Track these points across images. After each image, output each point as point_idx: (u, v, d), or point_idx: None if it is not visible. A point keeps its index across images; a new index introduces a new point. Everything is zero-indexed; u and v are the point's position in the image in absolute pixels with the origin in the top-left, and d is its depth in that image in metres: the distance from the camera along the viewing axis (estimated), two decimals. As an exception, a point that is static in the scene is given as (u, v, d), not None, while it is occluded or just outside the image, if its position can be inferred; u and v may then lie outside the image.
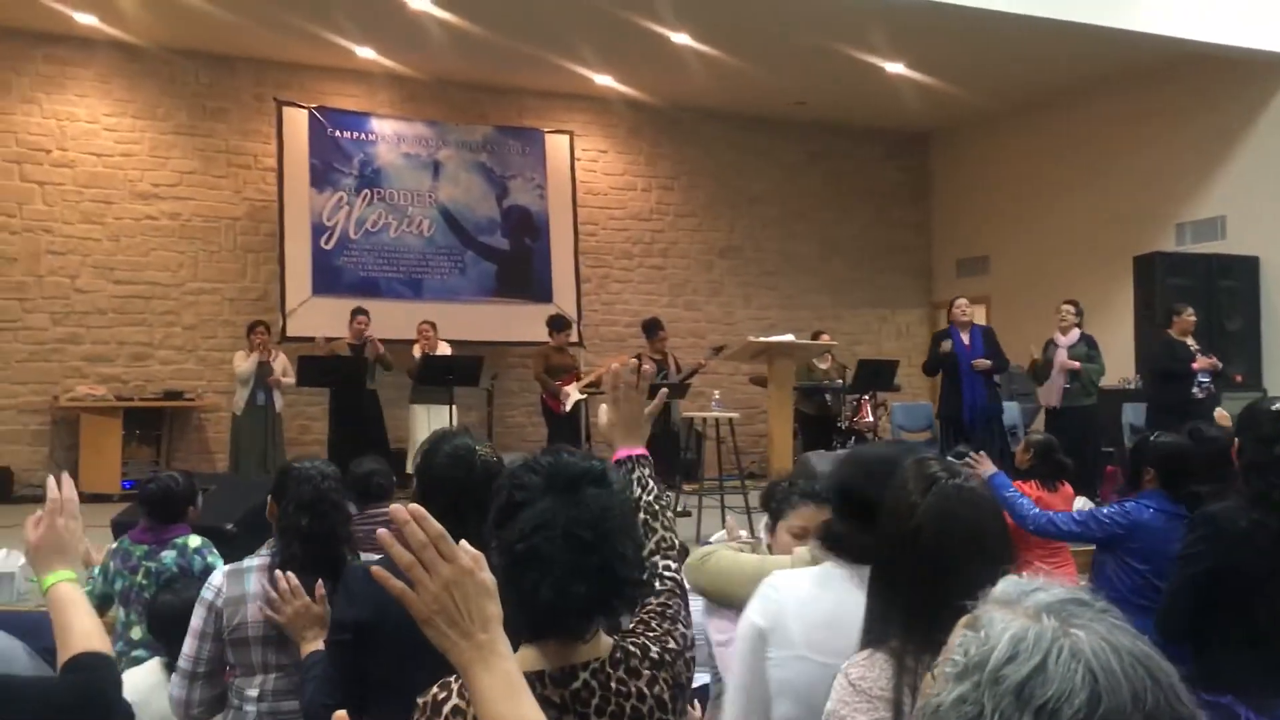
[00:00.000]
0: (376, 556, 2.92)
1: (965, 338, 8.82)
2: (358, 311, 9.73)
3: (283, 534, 2.75)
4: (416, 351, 9.68)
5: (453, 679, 1.42)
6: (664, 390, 2.39)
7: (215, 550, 3.83)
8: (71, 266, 10.18)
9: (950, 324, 9.08)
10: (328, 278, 10.60)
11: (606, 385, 1.98)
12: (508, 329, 11.03)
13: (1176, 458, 4.21)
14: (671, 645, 1.60)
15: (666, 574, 1.73)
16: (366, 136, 11.02)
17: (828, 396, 10.42)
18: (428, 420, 9.46)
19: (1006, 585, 0.97)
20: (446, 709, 1.41)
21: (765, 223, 13.00)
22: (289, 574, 2.66)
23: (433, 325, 9.82)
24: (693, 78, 11.01)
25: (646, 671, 1.52)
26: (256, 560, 2.80)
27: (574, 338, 10.95)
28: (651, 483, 1.84)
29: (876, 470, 1.95)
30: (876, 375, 10.27)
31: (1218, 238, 10.63)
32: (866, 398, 10.58)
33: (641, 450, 1.91)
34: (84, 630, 1.75)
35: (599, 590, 1.42)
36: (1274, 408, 3.15)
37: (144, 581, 3.74)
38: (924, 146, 13.98)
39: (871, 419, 10.65)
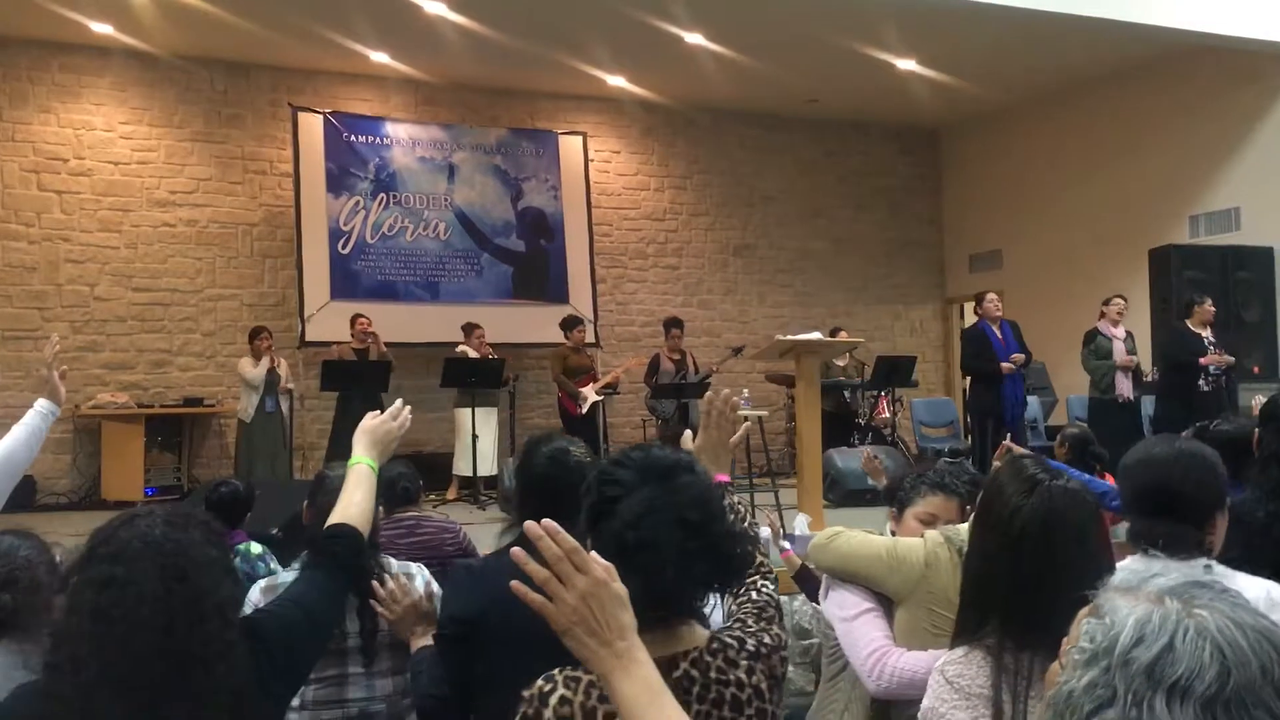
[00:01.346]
0: (395, 563, 2.94)
1: (999, 332, 8.87)
2: (357, 315, 9.75)
3: (310, 544, 2.77)
4: (472, 354, 9.67)
5: (557, 672, 1.47)
6: (749, 424, 2.47)
7: (275, 558, 3.86)
8: (90, 275, 10.22)
9: (980, 318, 9.11)
10: (345, 282, 10.63)
11: (701, 409, 2.13)
12: (525, 331, 11.05)
13: (1228, 444, 4.25)
14: (768, 640, 1.64)
15: (765, 590, 1.79)
16: (381, 141, 11.05)
17: (846, 393, 10.46)
18: (479, 422, 9.44)
19: (1125, 574, 1.01)
20: (554, 700, 1.45)
21: (779, 220, 13.03)
22: (397, 575, 2.69)
23: (482, 329, 9.90)
24: (705, 77, 11.03)
25: (744, 662, 1.57)
26: (290, 575, 2.78)
27: (589, 337, 10.99)
28: (741, 508, 1.90)
29: (1174, 468, 2.18)
30: (894, 371, 10.32)
31: (1232, 229, 10.65)
32: (884, 394, 10.62)
33: (725, 477, 2.01)
34: (349, 504, 2.10)
35: (714, 567, 1.51)
36: None
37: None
38: (936, 142, 14.00)
39: (889, 415, 10.70)
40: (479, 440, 9.38)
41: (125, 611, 1.56)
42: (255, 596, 2.78)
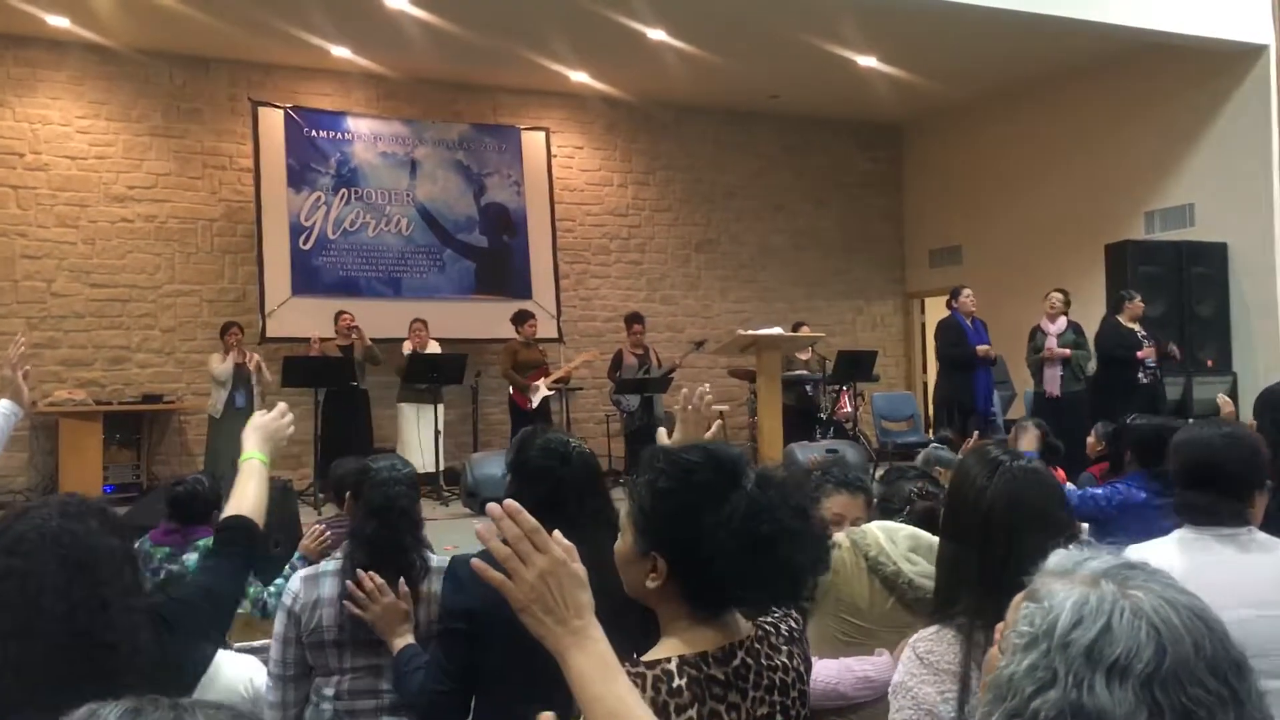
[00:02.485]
0: (435, 557, 2.95)
1: (971, 326, 9.07)
2: (340, 312, 9.78)
3: (351, 539, 2.80)
4: (406, 349, 9.70)
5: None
6: (720, 423, 2.52)
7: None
8: (47, 271, 10.10)
9: (954, 312, 9.26)
10: (307, 278, 10.58)
11: (678, 406, 2.18)
12: (488, 326, 11.04)
13: (1152, 438, 4.35)
14: (794, 624, 1.70)
15: None
16: (343, 136, 10.99)
17: (808, 388, 10.54)
18: (416, 419, 9.50)
19: (1059, 558, 1.03)
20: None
21: (741, 216, 13.09)
22: (372, 574, 2.70)
23: (424, 323, 9.84)
24: (668, 73, 11.07)
25: (784, 646, 1.63)
26: (332, 565, 2.83)
27: (552, 333, 11.01)
28: None
29: (1218, 445, 2.48)
30: (856, 366, 10.42)
31: (1187, 225, 10.82)
32: (846, 388, 10.72)
33: None
34: (243, 496, 2.15)
35: (818, 555, 1.59)
36: None
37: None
38: (897, 138, 14.12)
39: (851, 409, 10.79)
40: (418, 435, 9.40)
41: (26, 601, 1.58)
42: (295, 585, 2.81)
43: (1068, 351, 8.95)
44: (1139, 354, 8.77)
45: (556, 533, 1.35)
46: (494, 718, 2.29)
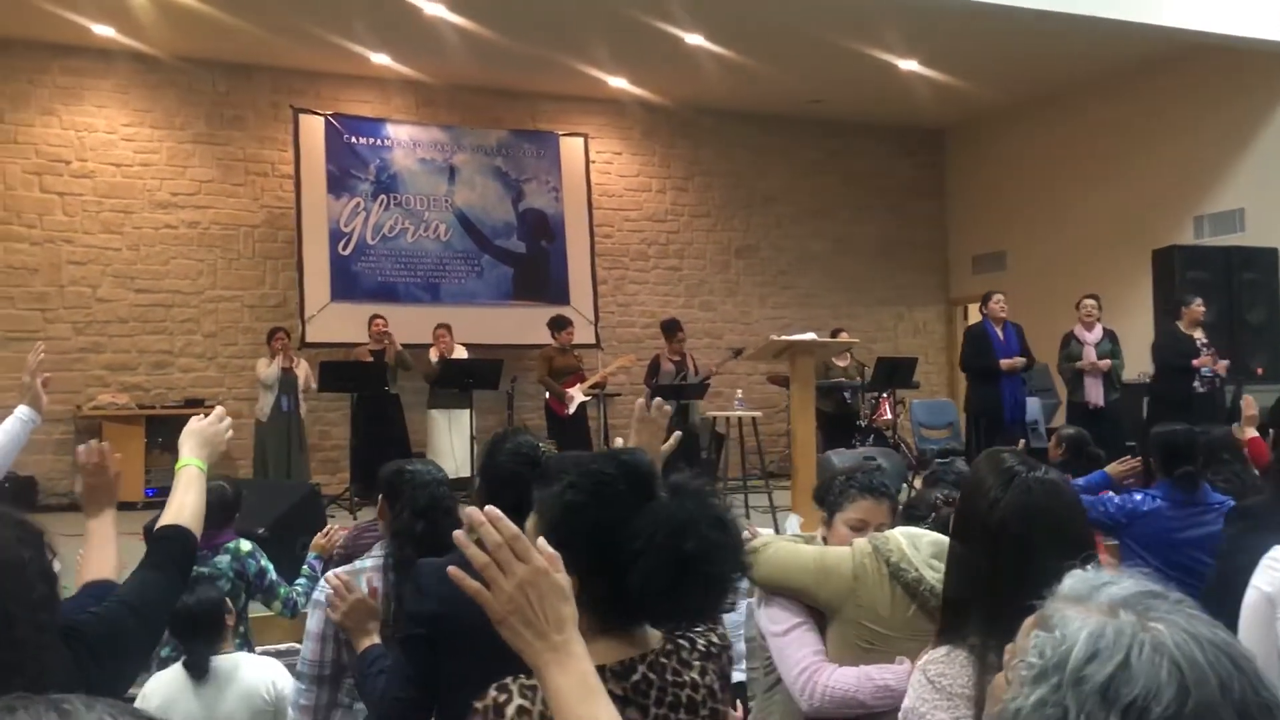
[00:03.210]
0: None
1: (1000, 333, 8.79)
2: (374, 317, 9.81)
3: (395, 537, 2.77)
4: (434, 355, 9.71)
5: (510, 680, 1.42)
6: (679, 434, 2.48)
7: (265, 554, 3.88)
8: (92, 276, 10.25)
9: (985, 319, 9.05)
10: (346, 283, 10.65)
11: (635, 417, 2.12)
12: (525, 332, 11.04)
13: (1170, 444, 4.30)
14: (715, 640, 1.63)
15: None
16: (382, 142, 11.06)
17: (847, 394, 10.42)
18: (447, 425, 9.51)
19: (1075, 581, 0.95)
20: (510, 710, 1.40)
21: (781, 222, 13.00)
22: (338, 572, 2.68)
23: (448, 328, 9.85)
24: (706, 78, 11.02)
25: (697, 662, 1.55)
26: (370, 562, 2.81)
27: (590, 339, 10.98)
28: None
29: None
30: (895, 372, 10.28)
31: (1237, 230, 10.59)
32: (886, 395, 10.58)
33: None
34: (181, 505, 2.09)
35: (738, 566, 1.53)
36: None
37: (197, 585, 3.77)
38: (939, 143, 13.96)
39: (890, 416, 10.65)
40: (448, 441, 9.41)
41: None
42: (319, 595, 2.78)
43: (1108, 363, 8.70)
44: (1194, 362, 8.36)
45: (541, 540, 1.29)
46: None
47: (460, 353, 9.77)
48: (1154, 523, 4.10)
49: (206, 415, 2.31)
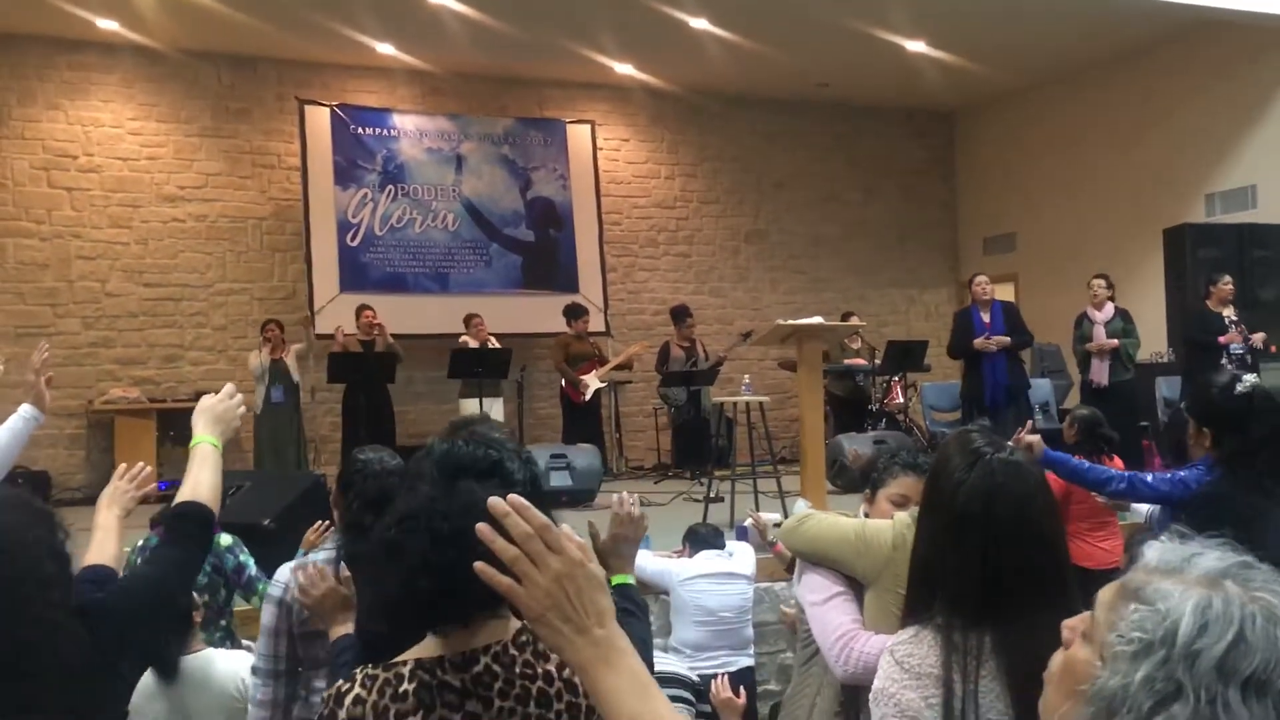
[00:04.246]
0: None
1: (985, 316, 8.67)
2: (363, 307, 9.75)
3: (347, 529, 2.72)
4: (472, 343, 9.67)
5: (359, 670, 1.40)
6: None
7: (245, 549, 3.86)
8: (101, 271, 10.28)
9: (972, 302, 8.99)
10: (355, 274, 10.65)
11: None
12: (535, 320, 11.04)
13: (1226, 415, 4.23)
14: None
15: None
16: (389, 132, 11.05)
17: (859, 378, 10.40)
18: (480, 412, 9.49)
19: (1163, 552, 0.92)
20: (349, 699, 1.38)
21: (790, 206, 12.95)
22: (314, 560, 2.65)
23: (482, 318, 9.84)
24: (713, 63, 10.96)
25: (556, 655, 1.44)
26: (322, 554, 2.77)
27: (599, 326, 10.96)
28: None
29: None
30: (906, 356, 10.24)
31: (1248, 207, 10.49)
32: (897, 379, 10.55)
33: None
34: (197, 482, 2.10)
35: (446, 585, 1.34)
36: (1237, 389, 3.10)
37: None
38: (948, 124, 13.87)
39: (902, 400, 10.62)
40: None
41: None
42: (284, 576, 2.75)
43: (1115, 343, 8.64)
44: (1221, 339, 8.31)
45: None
46: None
47: (493, 343, 9.75)
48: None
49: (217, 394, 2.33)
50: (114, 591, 1.89)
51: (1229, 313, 8.51)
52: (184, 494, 2.08)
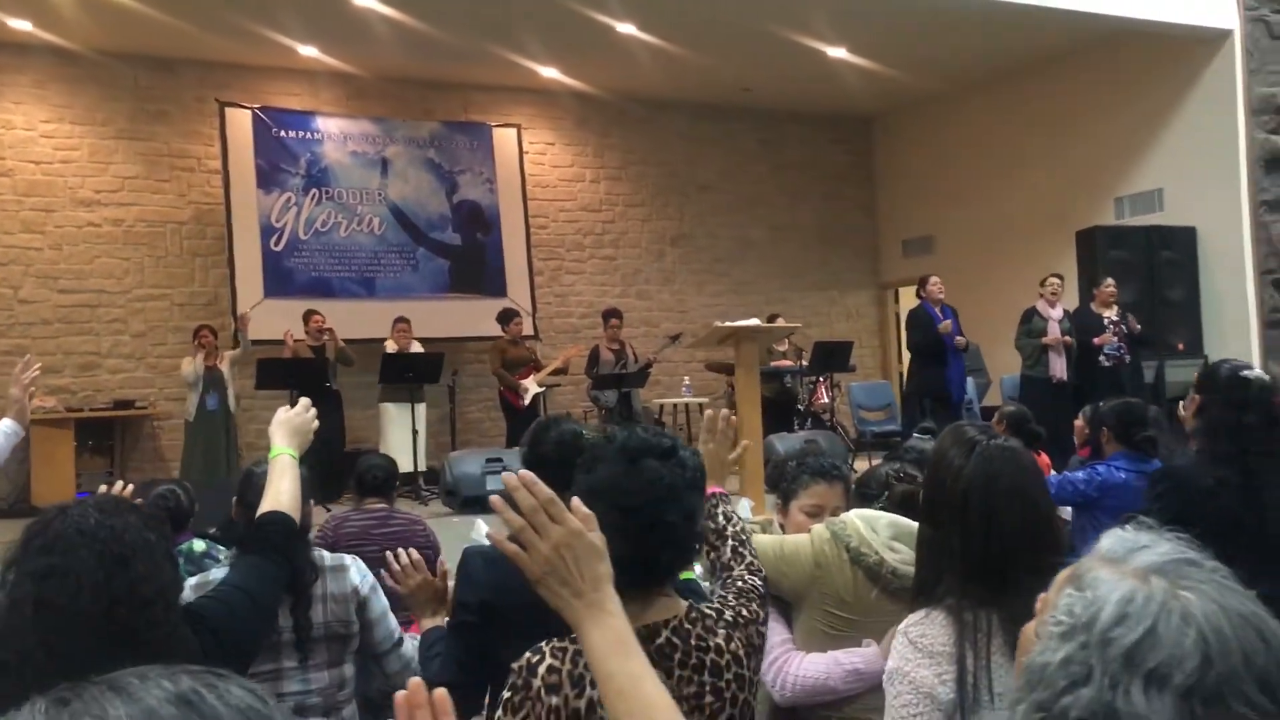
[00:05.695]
0: (328, 555, 2.91)
1: (940, 315, 9.11)
2: (310, 313, 9.67)
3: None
4: (391, 348, 9.61)
5: (544, 643, 1.52)
6: (747, 443, 2.61)
7: (222, 549, 3.83)
8: (13, 277, 9.97)
9: (924, 301, 9.29)
10: (279, 279, 10.49)
11: (704, 427, 2.27)
12: (463, 325, 10.99)
13: (1127, 413, 4.45)
14: (745, 613, 1.71)
15: (750, 580, 1.86)
16: (312, 135, 10.91)
17: (787, 379, 10.55)
18: (399, 419, 9.43)
19: (1113, 542, 0.95)
20: (542, 669, 1.49)
21: (715, 210, 13.08)
22: (410, 550, 2.67)
23: (408, 322, 9.79)
24: (639, 68, 11.04)
25: (722, 630, 1.64)
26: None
27: (528, 330, 10.95)
28: (735, 515, 2.04)
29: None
30: (832, 357, 10.42)
31: (1156, 210, 10.89)
32: (822, 379, 10.73)
33: (723, 489, 2.13)
34: (278, 492, 2.17)
35: (637, 553, 1.52)
36: (1243, 374, 3.19)
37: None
38: (869, 130, 14.15)
39: (827, 400, 10.81)
40: (401, 435, 9.35)
41: (67, 600, 1.56)
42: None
43: (1069, 340, 9.09)
44: (1096, 340, 8.95)
45: (575, 500, 1.34)
46: None
47: (416, 347, 9.70)
48: (1124, 494, 4.19)
49: (293, 406, 2.41)
50: (214, 598, 1.93)
51: (1110, 314, 9.08)
52: (266, 504, 2.12)
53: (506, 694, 1.48)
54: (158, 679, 0.73)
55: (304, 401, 2.40)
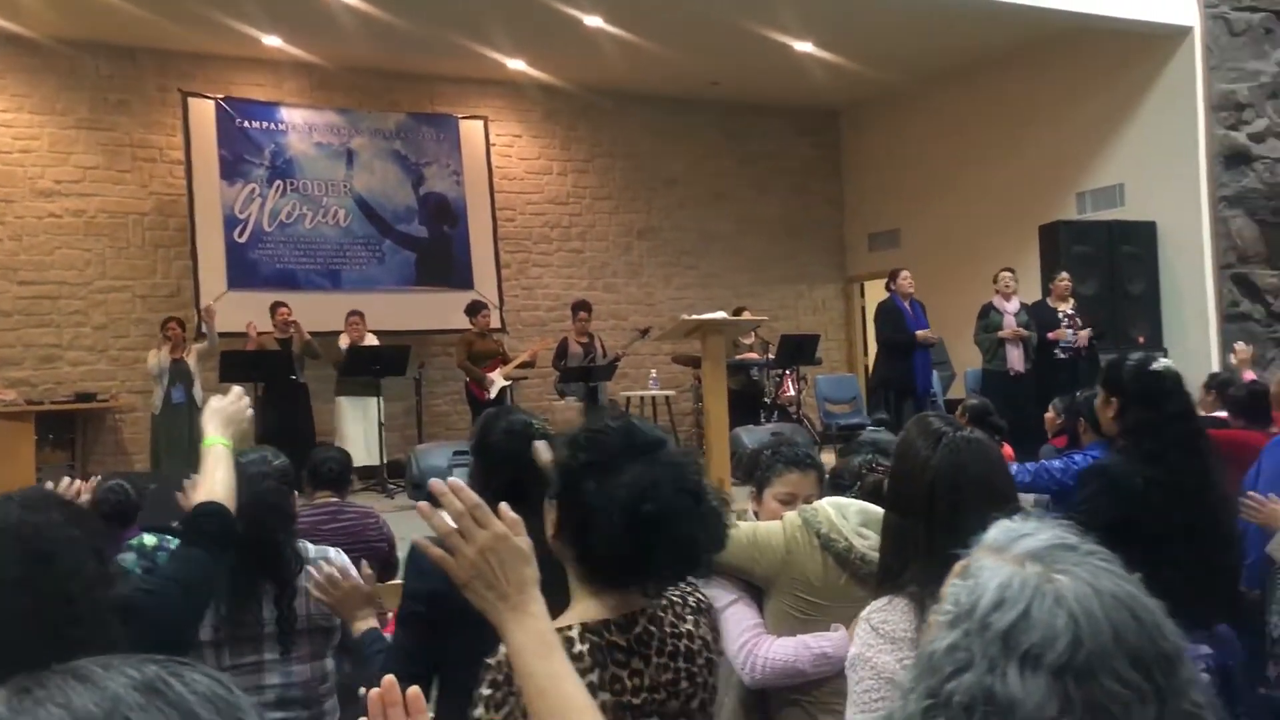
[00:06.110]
0: (313, 548, 2.92)
1: (909, 308, 9.24)
2: (277, 305, 9.60)
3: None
4: (344, 342, 9.57)
5: None
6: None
7: (175, 542, 3.80)
8: (-28, 269, 9.83)
9: (893, 294, 9.38)
10: (243, 271, 10.40)
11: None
12: (430, 317, 10.95)
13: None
14: (702, 597, 1.74)
15: None
16: (276, 126, 10.81)
17: (753, 372, 10.59)
18: (354, 413, 9.39)
19: (998, 532, 0.99)
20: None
21: (682, 203, 13.09)
22: (333, 559, 2.67)
23: (361, 315, 9.72)
24: (606, 60, 11.02)
25: (690, 616, 1.67)
26: None
27: (495, 323, 10.92)
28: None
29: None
30: (799, 349, 10.49)
31: (1117, 205, 11.02)
32: (789, 372, 10.79)
33: None
34: (213, 482, 2.12)
35: (708, 534, 1.58)
36: (1152, 368, 3.13)
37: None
38: (835, 124, 14.21)
39: (794, 392, 10.87)
40: (356, 429, 9.31)
41: None
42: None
43: (1025, 333, 9.19)
44: (1050, 335, 9.12)
45: (503, 506, 1.36)
46: (457, 702, 2.28)
47: (370, 340, 9.65)
48: None
49: (225, 395, 2.35)
50: (148, 590, 1.91)
51: (1065, 308, 9.23)
52: (201, 494, 2.10)
53: (487, 691, 1.47)
54: (121, 667, 0.73)
55: (236, 390, 2.37)
